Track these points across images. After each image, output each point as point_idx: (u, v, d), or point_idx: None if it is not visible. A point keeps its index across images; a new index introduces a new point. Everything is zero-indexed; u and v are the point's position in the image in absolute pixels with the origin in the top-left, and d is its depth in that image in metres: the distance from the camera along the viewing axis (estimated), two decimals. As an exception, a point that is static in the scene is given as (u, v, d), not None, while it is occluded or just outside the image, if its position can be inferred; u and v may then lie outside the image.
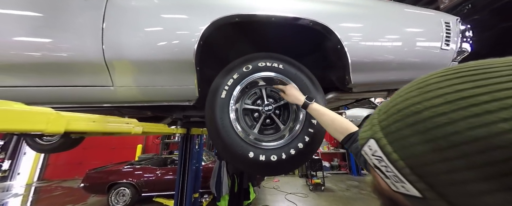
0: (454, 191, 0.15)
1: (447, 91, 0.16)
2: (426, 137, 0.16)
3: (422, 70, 0.96)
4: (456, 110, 0.15)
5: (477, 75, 0.15)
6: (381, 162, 0.19)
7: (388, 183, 0.20)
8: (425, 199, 0.17)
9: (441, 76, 0.17)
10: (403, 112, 0.18)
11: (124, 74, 0.80)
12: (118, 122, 0.76)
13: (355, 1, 0.96)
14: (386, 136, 0.19)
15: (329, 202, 3.62)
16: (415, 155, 0.16)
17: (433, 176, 0.16)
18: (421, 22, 0.96)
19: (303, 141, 0.77)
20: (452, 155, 0.14)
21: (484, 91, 0.14)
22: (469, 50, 0.99)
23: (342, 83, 0.94)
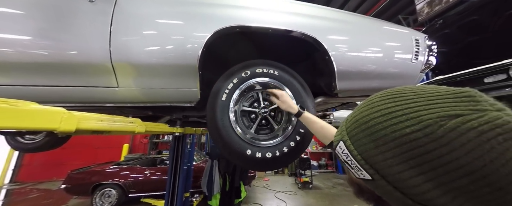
0: (388, 172, 0.23)
1: (381, 108, 0.25)
2: (371, 138, 0.24)
3: (396, 79, 1.12)
4: (386, 120, 0.24)
5: (396, 97, 0.25)
6: (348, 157, 0.28)
7: (352, 172, 0.29)
8: (374, 180, 0.25)
9: (379, 97, 0.27)
10: (358, 122, 0.27)
11: (129, 76, 0.85)
12: (123, 121, 0.80)
13: (341, 17, 1.08)
14: (350, 139, 0.28)
15: (316, 199, 3.81)
16: (366, 150, 0.25)
17: (376, 163, 0.24)
18: (396, 38, 1.11)
19: (295, 140, 0.88)
20: (384, 149, 0.23)
21: (398, 108, 0.23)
22: (434, 63, 1.16)
23: (329, 89, 1.06)
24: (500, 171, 0.18)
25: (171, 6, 0.87)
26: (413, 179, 0.21)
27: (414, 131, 0.21)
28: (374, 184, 0.26)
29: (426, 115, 0.21)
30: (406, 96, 0.24)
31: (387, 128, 0.23)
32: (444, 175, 0.20)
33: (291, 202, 3.66)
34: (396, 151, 0.22)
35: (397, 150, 0.22)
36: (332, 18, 1.05)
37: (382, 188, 0.25)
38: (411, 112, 0.22)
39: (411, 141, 0.21)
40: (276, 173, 6.10)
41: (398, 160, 0.22)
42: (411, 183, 0.22)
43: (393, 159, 0.22)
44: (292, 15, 0.99)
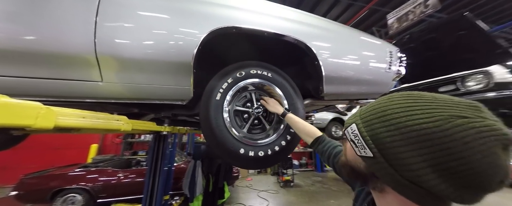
0: (390, 152, 0.29)
1: (401, 103, 0.30)
2: (384, 124, 0.30)
3: (373, 86, 1.26)
4: (402, 112, 0.29)
5: (416, 98, 0.31)
6: (356, 137, 0.34)
7: (356, 150, 0.34)
8: (374, 157, 0.31)
9: (400, 95, 0.33)
10: (375, 110, 0.33)
11: (115, 70, 0.79)
12: (108, 118, 0.75)
13: (328, 25, 1.18)
14: (363, 122, 0.34)
15: (297, 196, 3.98)
16: (376, 133, 0.31)
17: (382, 144, 0.30)
18: (375, 49, 1.25)
19: (286, 139, 0.92)
20: (395, 133, 0.29)
21: (417, 105, 0.29)
22: (403, 73, 1.34)
23: (317, 92, 1.14)
24: (483, 161, 0.24)
25: (168, 0, 0.83)
26: (411, 159, 0.27)
27: (426, 122, 0.27)
28: (373, 161, 0.31)
29: (440, 113, 0.27)
30: (425, 98, 0.30)
31: (402, 118, 0.29)
32: (439, 158, 0.25)
33: (274, 200, 3.76)
34: (404, 136, 0.28)
35: (405, 135, 0.28)
36: (321, 26, 1.13)
37: (379, 164, 0.30)
38: (428, 108, 0.28)
39: (421, 129, 0.27)
40: (259, 173, 6.18)
41: (403, 143, 0.28)
42: (407, 162, 0.27)
43: (400, 142, 0.28)
44: (285, 21, 1.04)
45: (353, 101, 1.35)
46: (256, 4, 1.01)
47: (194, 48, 0.83)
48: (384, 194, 0.36)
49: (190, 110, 1.09)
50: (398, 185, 0.29)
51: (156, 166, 2.67)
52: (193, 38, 0.83)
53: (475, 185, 0.25)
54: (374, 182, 0.36)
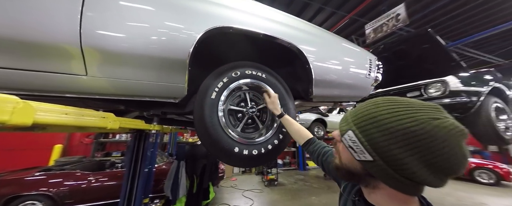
0: (387, 154, 0.33)
1: (388, 109, 0.35)
2: (378, 129, 0.35)
3: (355, 90, 1.38)
4: (391, 117, 0.34)
5: (398, 102, 0.36)
6: (355, 143, 0.37)
7: (355, 155, 0.38)
8: (374, 161, 0.35)
9: (383, 101, 0.38)
10: (367, 116, 0.37)
11: (102, 64, 0.73)
12: (93, 115, 0.70)
13: (319, 32, 1.26)
14: (358, 129, 0.37)
15: (281, 194, 4.10)
16: (372, 138, 0.35)
17: (379, 148, 0.34)
18: (358, 57, 1.38)
19: (278, 138, 0.96)
20: (388, 137, 0.33)
21: (401, 110, 0.34)
22: (380, 79, 1.49)
23: (306, 94, 1.21)
24: (454, 151, 0.31)
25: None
26: (405, 159, 0.32)
27: (413, 125, 0.32)
28: (372, 164, 0.36)
29: (420, 116, 0.33)
30: (405, 103, 0.36)
31: (393, 122, 0.34)
32: (426, 155, 0.31)
33: (258, 199, 3.81)
34: (397, 139, 0.33)
35: (398, 138, 0.33)
36: (310, 32, 1.21)
37: (378, 166, 0.35)
38: (410, 112, 0.34)
39: (410, 132, 0.32)
40: (243, 173, 6.18)
41: (397, 145, 0.33)
42: (403, 161, 0.32)
43: (394, 144, 0.33)
44: (279, 25, 1.08)
45: (337, 103, 1.47)
46: (253, 6, 1.03)
47: (190, 45, 0.81)
48: (374, 189, 0.41)
49: (181, 108, 1.06)
50: (395, 182, 0.35)
51: (136, 167, 2.50)
52: (189, 35, 0.82)
53: (449, 171, 0.32)
54: (368, 180, 0.41)
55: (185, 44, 0.82)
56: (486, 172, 5.36)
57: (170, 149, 5.89)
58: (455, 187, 4.95)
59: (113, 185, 3.34)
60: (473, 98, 2.16)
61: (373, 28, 5.07)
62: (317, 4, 5.60)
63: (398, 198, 0.38)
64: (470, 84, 2.24)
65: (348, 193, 0.56)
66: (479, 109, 2.18)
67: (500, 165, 5.34)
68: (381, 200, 0.41)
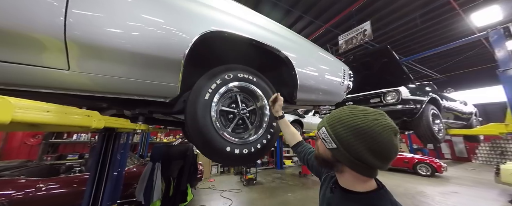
0: (346, 143, 0.49)
1: (349, 113, 0.51)
2: (342, 126, 0.50)
3: (330, 95, 1.56)
4: (350, 119, 0.49)
5: (356, 109, 0.52)
6: (326, 135, 0.53)
7: (326, 144, 0.53)
8: (337, 148, 0.50)
9: (348, 108, 0.53)
10: (335, 117, 0.52)
11: (88, 59, 0.68)
12: (77, 113, 0.65)
13: (301, 41, 1.39)
14: (329, 126, 0.53)
15: (259, 193, 4.21)
16: (337, 132, 0.51)
17: (341, 138, 0.50)
18: (335, 66, 1.56)
19: (266, 138, 1.04)
20: (348, 131, 0.49)
21: (357, 114, 0.50)
22: (351, 87, 1.72)
23: (291, 98, 1.32)
24: (388, 142, 0.47)
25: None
26: (357, 146, 0.48)
27: (361, 122, 0.49)
28: (336, 150, 0.51)
29: (367, 117, 0.50)
30: (359, 109, 0.52)
31: (349, 121, 0.51)
32: (370, 143, 0.46)
33: (237, 199, 3.83)
34: (353, 132, 0.49)
35: (352, 131, 0.49)
36: (298, 42, 1.33)
37: (340, 152, 0.50)
38: (361, 115, 0.50)
39: (360, 128, 0.48)
40: (221, 173, 6.09)
41: (351, 136, 0.49)
42: (355, 148, 0.48)
43: (350, 135, 0.49)
44: (271, 33, 1.16)
45: (317, 107, 1.63)
46: (247, 14, 1.09)
47: (186, 46, 0.82)
48: (343, 173, 0.56)
49: (169, 107, 1.04)
50: (351, 164, 0.50)
51: (103, 171, 2.25)
52: (186, 36, 0.83)
53: (385, 156, 0.48)
54: (336, 165, 0.56)
55: (181, 45, 0.82)
56: (425, 166, 6.55)
57: (141, 150, 5.41)
58: (403, 179, 5.90)
59: (70, 192, 2.91)
60: (418, 106, 2.66)
61: (345, 40, 5.66)
62: (297, 12, 5.95)
63: (359, 179, 0.53)
64: (416, 94, 2.75)
65: (326, 184, 0.68)
66: (421, 114, 2.69)
67: (435, 160, 6.60)
68: (348, 181, 0.56)
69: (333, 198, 0.60)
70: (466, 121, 4.02)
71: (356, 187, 0.53)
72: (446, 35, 7.16)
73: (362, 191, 0.52)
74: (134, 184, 3.29)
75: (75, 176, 3.27)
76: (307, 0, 5.51)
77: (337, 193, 0.59)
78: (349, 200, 0.54)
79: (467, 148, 9.92)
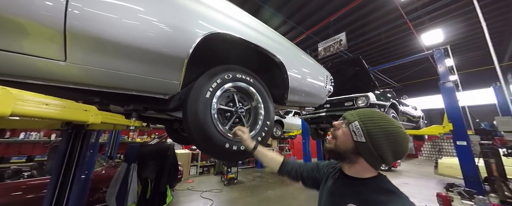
0: (375, 140, 0.60)
1: (380, 116, 0.63)
2: (373, 124, 0.62)
3: (314, 97, 1.72)
4: (381, 121, 0.62)
5: (383, 114, 0.64)
6: (357, 129, 0.62)
7: (354, 137, 0.62)
8: (365, 142, 0.60)
9: (378, 111, 0.65)
10: (369, 116, 0.63)
11: (88, 51, 0.65)
12: (75, 107, 0.62)
13: (292, 48, 1.51)
14: (362, 122, 0.62)
15: (240, 192, 4.25)
16: (369, 128, 0.61)
17: (371, 135, 0.60)
18: (320, 71, 1.73)
19: (261, 136, 1.12)
20: (378, 130, 0.60)
21: (386, 118, 0.63)
22: (332, 91, 1.93)
23: (281, 99, 1.43)
24: (404, 145, 0.61)
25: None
26: (383, 144, 0.58)
27: (391, 127, 0.61)
28: (363, 144, 0.60)
29: (393, 123, 0.62)
30: (388, 116, 0.63)
31: (381, 123, 0.61)
32: (393, 145, 0.58)
33: (218, 199, 3.80)
34: (384, 133, 0.59)
35: (384, 133, 0.60)
36: (290, 48, 1.44)
37: (367, 146, 0.59)
38: (389, 120, 0.63)
39: (390, 131, 0.60)
40: (201, 174, 5.91)
41: (381, 136, 0.59)
42: (381, 145, 0.58)
43: (380, 135, 0.59)
44: (267, 38, 1.25)
45: (302, 108, 1.78)
46: (248, 19, 1.15)
47: (190, 45, 0.84)
48: (354, 164, 0.65)
49: (164, 104, 1.03)
50: (372, 157, 0.60)
51: (67, 174, 2.01)
52: (192, 35, 0.84)
53: (400, 157, 0.61)
54: (350, 157, 0.65)
55: (187, 43, 0.84)
56: (384, 161, 7.56)
57: (110, 151, 4.87)
58: (367, 173, 6.69)
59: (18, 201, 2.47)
60: (382, 109, 3.10)
61: (324, 47, 6.15)
62: (282, 17, 6.21)
63: (368, 170, 0.64)
64: (380, 99, 3.20)
65: (326, 180, 0.77)
66: (384, 117, 3.15)
67: (391, 156, 7.68)
68: (357, 171, 0.65)
69: (335, 186, 0.69)
70: (416, 123, 4.82)
71: (364, 175, 0.63)
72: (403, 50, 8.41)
73: (368, 177, 0.63)
74: (102, 188, 2.98)
75: (25, 181, 2.79)
76: (291, 6, 5.80)
77: (340, 182, 0.68)
78: (357, 185, 0.62)
79: (415, 146, 11.81)
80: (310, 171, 0.88)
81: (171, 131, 2.27)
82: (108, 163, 3.66)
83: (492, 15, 5.85)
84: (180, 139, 2.37)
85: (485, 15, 3.51)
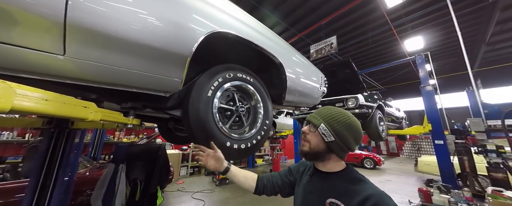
0: (340, 135, 0.68)
1: (337, 112, 0.70)
2: (336, 122, 0.69)
3: (311, 98, 1.78)
4: (340, 116, 0.68)
5: (340, 110, 0.70)
6: (326, 131, 0.68)
7: (325, 138, 0.69)
8: (335, 140, 0.67)
9: (333, 108, 0.72)
10: (329, 115, 0.71)
11: (88, 45, 0.62)
12: (74, 103, 0.59)
13: (291, 50, 1.55)
14: (327, 122, 0.70)
15: (232, 192, 4.23)
16: (333, 127, 0.68)
17: (337, 132, 0.68)
18: (316, 73, 1.79)
19: (261, 134, 1.13)
20: (340, 125, 0.68)
21: (342, 112, 0.69)
22: (325, 92, 2.00)
23: (279, 99, 1.46)
24: (360, 129, 0.71)
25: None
26: (348, 136, 0.66)
27: (349, 119, 0.70)
28: (334, 142, 0.66)
29: (349, 114, 0.71)
30: (340, 109, 0.70)
31: (342, 119, 0.69)
32: (354, 133, 0.69)
33: (210, 199, 3.75)
34: (345, 127, 0.68)
35: (345, 126, 0.68)
36: (289, 50, 1.48)
37: (336, 143, 0.65)
38: (345, 113, 0.71)
39: (348, 123, 0.69)
40: (191, 174, 5.78)
41: (344, 129, 0.68)
42: (347, 138, 0.67)
43: (344, 129, 0.68)
44: (268, 39, 1.27)
45: (297, 108, 1.83)
46: (250, 20, 1.17)
47: (194, 43, 0.83)
48: (328, 160, 0.71)
49: (163, 102, 1.01)
50: (341, 151, 0.67)
51: (48, 176, 1.88)
52: (195, 33, 0.84)
53: (359, 141, 0.70)
54: (325, 155, 0.70)
55: (190, 41, 0.83)
56: (369, 160, 7.96)
57: (93, 152, 4.59)
58: (354, 172, 7.01)
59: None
60: (369, 110, 3.27)
61: (315, 49, 6.32)
62: (275, 18, 6.29)
63: (338, 162, 0.70)
64: (368, 101, 3.38)
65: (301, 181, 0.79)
66: (371, 117, 3.32)
67: (376, 155, 8.10)
68: (331, 165, 0.71)
69: (311, 184, 0.72)
70: (399, 124, 5.14)
71: (336, 169, 0.70)
72: (388, 54, 8.91)
73: (340, 170, 0.69)
74: (86, 191, 2.81)
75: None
76: (284, 8, 5.89)
77: (316, 179, 0.72)
78: (332, 179, 0.68)
79: (397, 145, 12.55)
80: (284, 177, 0.88)
81: (164, 130, 2.21)
82: (92, 164, 3.46)
83: (465, 25, 6.42)
84: (173, 138, 2.31)
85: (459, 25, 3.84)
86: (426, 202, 2.49)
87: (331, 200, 0.63)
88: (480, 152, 2.92)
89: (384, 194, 0.59)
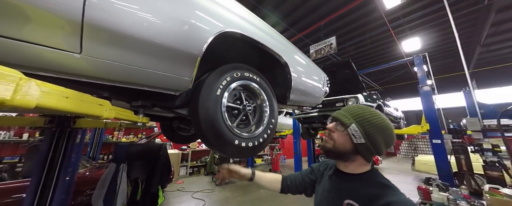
0: (372, 138, 0.63)
1: (371, 112, 0.66)
2: (368, 123, 0.64)
3: (314, 98, 1.80)
4: (373, 117, 0.65)
5: (373, 110, 0.68)
6: (356, 132, 0.63)
7: (354, 140, 0.64)
8: (365, 143, 0.63)
9: (369, 108, 0.68)
10: (361, 115, 0.65)
11: (105, 44, 0.62)
12: (91, 101, 0.60)
13: (295, 50, 1.57)
14: (358, 123, 0.65)
15: (232, 191, 4.23)
16: (365, 128, 0.64)
17: (368, 133, 0.63)
18: (319, 74, 1.81)
19: (267, 133, 1.15)
20: (373, 127, 0.63)
21: (375, 113, 0.66)
22: (328, 92, 2.03)
23: (283, 98, 1.47)
24: (393, 134, 0.64)
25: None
26: (379, 140, 0.61)
27: (381, 122, 0.64)
28: (364, 145, 0.63)
29: (383, 117, 0.66)
30: (374, 110, 0.67)
31: (375, 121, 0.64)
32: (386, 137, 0.63)
33: (210, 199, 3.75)
34: (378, 130, 0.63)
35: (378, 129, 0.63)
36: (293, 50, 1.50)
37: (366, 146, 0.62)
38: (379, 115, 0.64)
39: (382, 126, 0.64)
40: (191, 174, 5.77)
41: (377, 133, 0.63)
42: (378, 142, 0.61)
43: (376, 133, 0.63)
44: (274, 39, 1.28)
45: (301, 107, 1.85)
46: (256, 20, 1.18)
47: (204, 42, 0.85)
48: (350, 162, 0.68)
49: (172, 101, 1.02)
50: (369, 154, 0.63)
51: (49, 176, 1.87)
52: (206, 33, 0.85)
53: (390, 144, 0.65)
54: (350, 156, 0.67)
55: (201, 40, 0.84)
56: (367, 160, 8.06)
57: (92, 151, 4.55)
58: (352, 171, 7.06)
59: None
60: (369, 110, 3.32)
61: (315, 50, 6.36)
62: (275, 18, 6.32)
63: (363, 164, 0.67)
64: (368, 101, 3.42)
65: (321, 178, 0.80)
66: (371, 117, 3.37)
67: (374, 155, 8.22)
68: (355, 167, 0.68)
69: (331, 183, 0.71)
70: (397, 123, 5.21)
71: (359, 170, 0.67)
72: (386, 55, 9.02)
73: (363, 172, 0.66)
74: (86, 191, 2.79)
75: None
76: (284, 8, 5.93)
77: (336, 178, 0.71)
78: (352, 180, 0.66)
79: (394, 145, 12.71)
80: (305, 176, 0.90)
81: (167, 129, 2.21)
82: (91, 164, 3.43)
83: (460, 27, 6.54)
84: (175, 138, 2.31)
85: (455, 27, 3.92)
86: (426, 200, 2.54)
87: (348, 201, 0.60)
88: (476, 151, 2.98)
89: (410, 203, 0.53)
